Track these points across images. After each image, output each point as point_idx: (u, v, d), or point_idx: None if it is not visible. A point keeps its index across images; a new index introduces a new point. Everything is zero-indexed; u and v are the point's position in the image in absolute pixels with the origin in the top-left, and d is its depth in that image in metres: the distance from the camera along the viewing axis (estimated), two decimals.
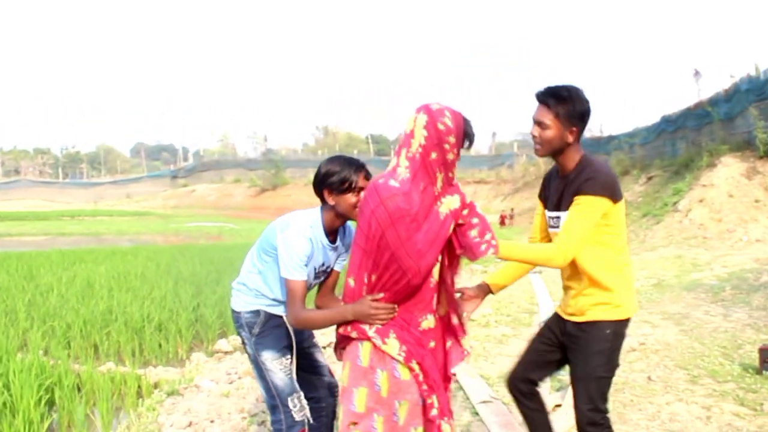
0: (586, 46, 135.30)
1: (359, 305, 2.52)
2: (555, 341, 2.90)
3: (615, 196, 2.62)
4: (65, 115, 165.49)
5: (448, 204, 2.48)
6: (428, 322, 2.57)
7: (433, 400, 2.52)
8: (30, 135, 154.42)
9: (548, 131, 2.65)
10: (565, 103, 2.63)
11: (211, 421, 4.32)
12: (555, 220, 2.78)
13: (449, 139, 2.40)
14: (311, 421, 3.05)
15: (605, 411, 2.74)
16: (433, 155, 2.41)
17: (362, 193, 2.64)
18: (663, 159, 19.27)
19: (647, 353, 5.53)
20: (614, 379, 3.90)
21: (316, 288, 3.08)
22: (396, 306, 2.51)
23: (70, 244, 20.24)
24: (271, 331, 3.01)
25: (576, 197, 2.61)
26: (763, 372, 4.77)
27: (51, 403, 4.96)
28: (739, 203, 13.36)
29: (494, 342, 6.26)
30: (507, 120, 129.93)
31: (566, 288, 2.86)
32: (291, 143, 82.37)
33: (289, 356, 3.03)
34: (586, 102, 2.67)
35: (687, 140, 18.56)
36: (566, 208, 2.66)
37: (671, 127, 20.02)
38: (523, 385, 2.97)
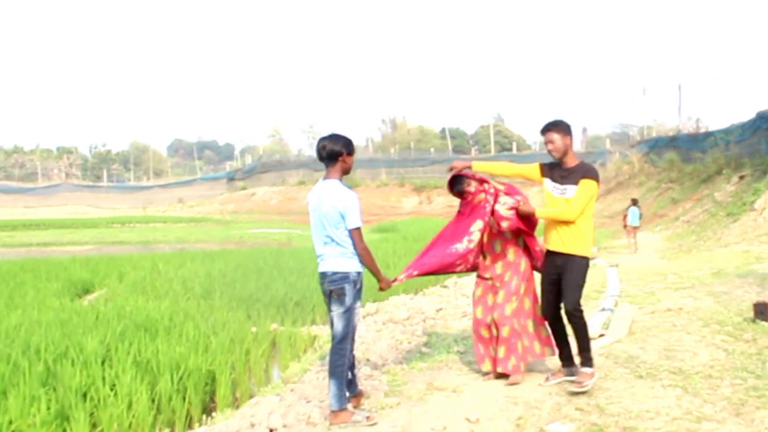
0: (681, 37, 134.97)
1: (386, 279, 5.52)
2: (554, 278, 5.93)
3: (599, 180, 5.80)
4: (91, 109, 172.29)
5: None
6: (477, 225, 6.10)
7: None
8: (52, 132, 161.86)
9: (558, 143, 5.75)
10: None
11: (374, 342, 7.77)
12: (559, 190, 5.75)
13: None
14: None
15: (581, 305, 5.79)
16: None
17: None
18: (755, 158, 21.79)
19: (681, 313, 8.63)
20: (646, 324, 7.26)
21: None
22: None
23: (126, 250, 24.40)
24: (360, 288, 5.34)
25: (582, 180, 5.67)
26: (756, 321, 7.85)
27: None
28: None
29: None
30: (600, 112, 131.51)
31: (552, 231, 5.85)
32: (353, 139, 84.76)
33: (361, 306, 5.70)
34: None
35: None
36: (569, 184, 5.67)
37: (766, 124, 22.50)
38: (555, 312, 6.14)
